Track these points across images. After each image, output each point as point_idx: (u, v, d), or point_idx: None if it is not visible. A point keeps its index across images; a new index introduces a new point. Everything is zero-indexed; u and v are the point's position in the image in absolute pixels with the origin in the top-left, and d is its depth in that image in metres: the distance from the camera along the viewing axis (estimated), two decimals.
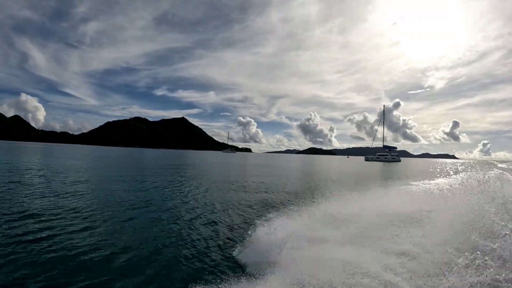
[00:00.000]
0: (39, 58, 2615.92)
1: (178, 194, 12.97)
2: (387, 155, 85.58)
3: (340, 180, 23.34)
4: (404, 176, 28.77)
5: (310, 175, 28.73)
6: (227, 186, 16.38)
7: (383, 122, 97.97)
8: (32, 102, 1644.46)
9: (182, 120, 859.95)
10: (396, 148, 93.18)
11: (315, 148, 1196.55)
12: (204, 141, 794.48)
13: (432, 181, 16.54)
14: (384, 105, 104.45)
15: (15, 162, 25.13)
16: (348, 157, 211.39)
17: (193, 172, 25.85)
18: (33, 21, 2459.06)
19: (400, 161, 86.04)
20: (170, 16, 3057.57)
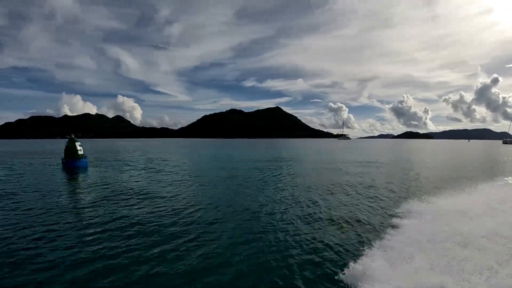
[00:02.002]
0: (130, 62, 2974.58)
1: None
2: None
3: None
4: None
5: None
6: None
7: None
8: (128, 102, 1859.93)
9: (277, 109, 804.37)
10: None
11: (412, 132, 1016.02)
12: (299, 129, 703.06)
13: None
14: None
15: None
16: (469, 140, 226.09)
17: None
18: (120, 29, 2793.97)
19: None
20: (249, 8, 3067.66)
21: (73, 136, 23.49)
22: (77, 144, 23.13)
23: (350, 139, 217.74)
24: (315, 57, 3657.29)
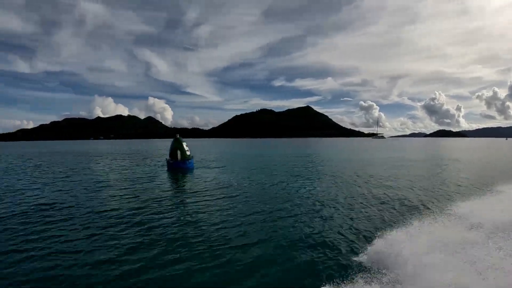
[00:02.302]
0: (161, 64, 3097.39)
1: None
2: None
3: None
4: None
5: None
6: None
7: None
8: (159, 104, 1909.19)
9: (307, 109, 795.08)
10: None
11: (444, 130, 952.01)
12: (330, 128, 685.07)
13: None
14: None
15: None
16: (506, 139, 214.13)
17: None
18: (150, 33, 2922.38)
19: None
20: (277, 8, 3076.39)
21: (178, 136, 22.61)
22: (184, 144, 22.18)
23: (384, 138, 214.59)
24: (344, 55, 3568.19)
